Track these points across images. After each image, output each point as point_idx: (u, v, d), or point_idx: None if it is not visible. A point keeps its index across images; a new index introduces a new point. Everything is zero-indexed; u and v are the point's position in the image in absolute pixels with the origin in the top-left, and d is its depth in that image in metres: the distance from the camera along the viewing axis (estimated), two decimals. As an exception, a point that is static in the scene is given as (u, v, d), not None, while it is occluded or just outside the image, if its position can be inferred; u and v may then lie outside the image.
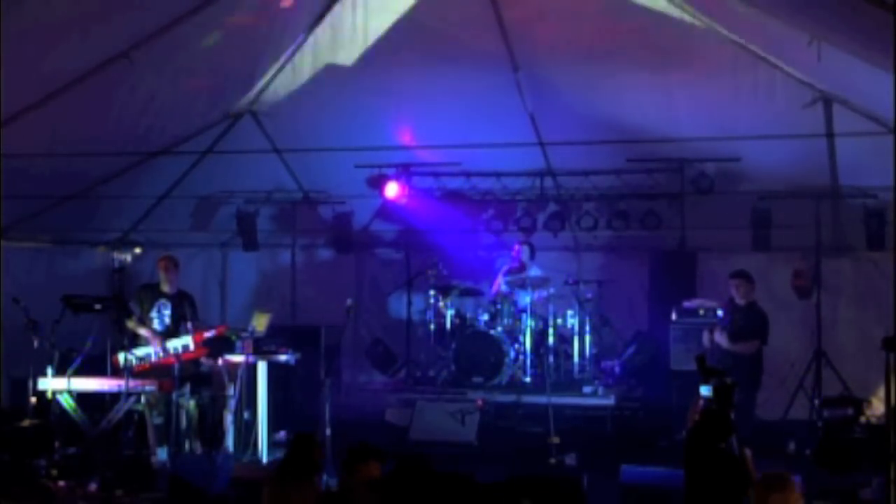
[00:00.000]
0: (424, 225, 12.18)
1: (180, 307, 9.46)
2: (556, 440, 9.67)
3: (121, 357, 9.04)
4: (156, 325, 9.40)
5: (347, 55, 9.92)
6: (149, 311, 9.42)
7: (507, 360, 10.95)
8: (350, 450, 5.98)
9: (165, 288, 9.48)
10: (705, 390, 6.60)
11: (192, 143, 10.75)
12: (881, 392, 7.92)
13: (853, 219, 10.64)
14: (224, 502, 7.56)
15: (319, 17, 9.44)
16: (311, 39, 9.73)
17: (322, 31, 9.62)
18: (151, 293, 9.51)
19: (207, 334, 9.15)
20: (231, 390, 9.23)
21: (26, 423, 8.79)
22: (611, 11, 9.07)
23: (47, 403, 8.82)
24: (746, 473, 5.63)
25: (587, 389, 10.83)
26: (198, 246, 12.68)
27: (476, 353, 11.04)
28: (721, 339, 9.37)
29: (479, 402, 10.48)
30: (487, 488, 6.17)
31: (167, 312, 9.45)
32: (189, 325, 9.34)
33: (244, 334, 9.37)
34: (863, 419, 9.23)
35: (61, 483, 8.27)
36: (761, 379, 9.47)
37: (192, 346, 9.07)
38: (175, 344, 9.14)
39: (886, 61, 6.20)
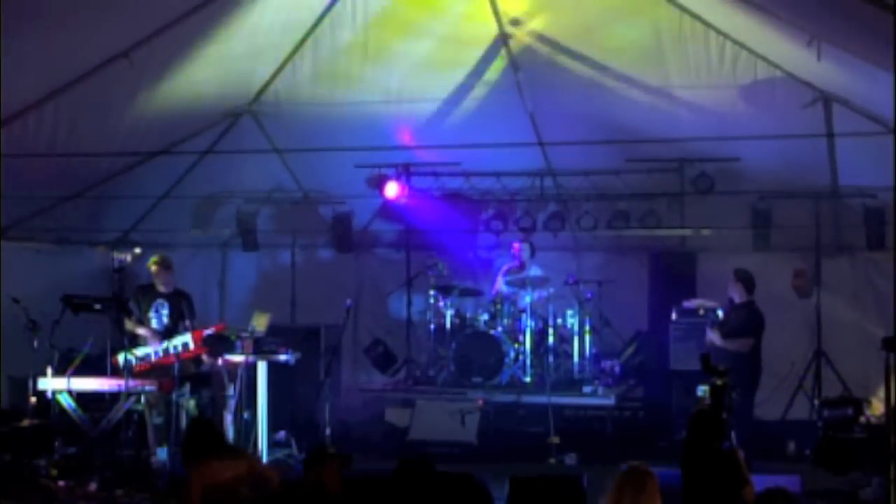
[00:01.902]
0: (424, 225, 12.16)
1: (178, 306, 9.47)
2: (556, 440, 9.69)
3: (120, 358, 9.04)
4: (154, 324, 9.41)
5: (347, 55, 9.93)
6: (146, 310, 9.43)
7: (507, 360, 10.95)
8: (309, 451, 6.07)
9: (161, 288, 9.49)
10: (700, 390, 6.62)
11: (192, 143, 10.75)
12: (881, 392, 7.94)
13: (853, 219, 10.64)
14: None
15: (319, 17, 9.43)
16: (310, 39, 9.72)
17: (322, 31, 9.61)
18: (148, 293, 9.52)
19: (207, 332, 9.16)
20: (231, 390, 9.24)
21: (26, 423, 8.81)
22: (611, 11, 9.07)
23: (47, 403, 8.83)
24: (741, 473, 5.65)
25: (587, 389, 10.83)
26: (198, 246, 12.66)
27: (476, 353, 11.04)
28: (714, 336, 9.35)
29: (479, 402, 10.48)
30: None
31: (165, 312, 9.46)
32: (187, 323, 9.35)
33: (244, 334, 9.38)
34: (863, 419, 9.24)
35: (61, 483, 8.28)
36: (759, 379, 9.44)
37: (191, 345, 9.07)
38: (175, 342, 9.14)
39: (886, 61, 6.20)
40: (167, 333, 9.35)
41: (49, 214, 10.65)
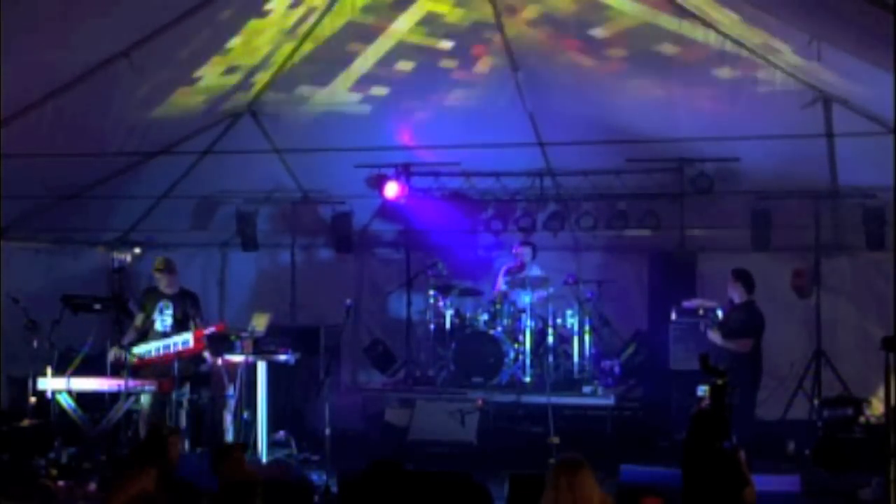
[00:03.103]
0: (424, 225, 12.17)
1: (182, 306, 9.47)
2: (556, 440, 9.67)
3: (112, 352, 9.03)
4: (158, 326, 9.40)
5: (347, 54, 9.92)
6: (151, 312, 9.43)
7: (506, 360, 10.95)
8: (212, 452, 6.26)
9: (165, 289, 9.49)
10: (700, 390, 6.61)
11: (192, 143, 10.75)
12: (881, 392, 7.94)
13: (853, 219, 10.64)
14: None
15: (319, 17, 9.43)
16: (310, 38, 9.72)
17: (322, 31, 9.61)
18: (153, 296, 9.52)
19: (207, 331, 9.16)
20: (231, 390, 9.24)
21: (26, 423, 8.81)
22: (611, 11, 9.06)
23: (47, 403, 8.83)
24: (742, 474, 5.65)
25: (587, 389, 10.83)
26: (197, 246, 12.67)
27: (476, 352, 11.05)
28: (715, 336, 9.34)
29: (479, 402, 10.49)
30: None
31: (169, 313, 9.46)
32: (195, 322, 9.36)
33: (244, 334, 9.39)
34: (862, 419, 9.25)
35: (61, 483, 8.27)
36: (760, 378, 9.44)
37: (191, 343, 9.07)
38: (175, 340, 9.13)
39: (886, 61, 6.20)
40: (172, 334, 9.34)
41: (49, 214, 10.65)
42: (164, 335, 9.30)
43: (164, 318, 9.43)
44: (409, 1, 9.20)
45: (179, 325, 9.37)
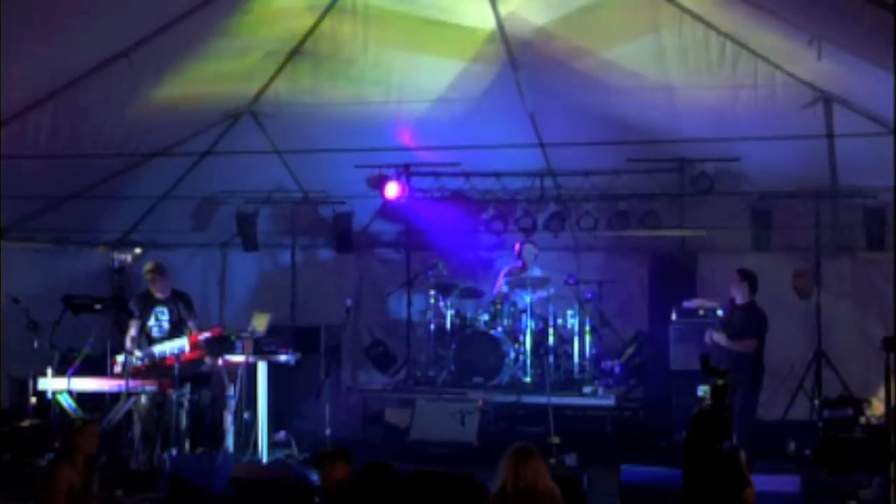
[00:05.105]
0: (424, 225, 12.16)
1: (175, 309, 9.48)
2: (556, 440, 9.68)
3: (119, 359, 9.06)
4: (155, 332, 9.40)
5: (347, 55, 9.93)
6: (147, 318, 9.43)
7: (506, 360, 10.95)
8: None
9: (158, 294, 9.49)
10: (701, 391, 6.61)
11: (192, 143, 10.75)
12: (881, 392, 7.93)
13: (853, 219, 10.63)
14: (224, 502, 7.57)
15: (320, 17, 9.43)
16: (310, 39, 9.73)
17: (322, 31, 9.62)
18: (147, 301, 9.52)
19: (203, 336, 9.17)
20: (231, 390, 9.25)
21: (26, 423, 8.81)
22: (611, 11, 9.07)
23: (47, 403, 8.84)
24: (742, 474, 5.65)
25: (587, 389, 10.82)
26: (198, 246, 12.68)
27: (476, 353, 11.03)
28: (719, 337, 9.33)
29: (479, 403, 10.48)
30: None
31: (164, 318, 9.47)
32: (190, 324, 9.35)
33: (244, 334, 9.39)
34: (863, 419, 9.24)
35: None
36: (763, 379, 9.44)
37: (187, 348, 9.08)
38: (171, 346, 9.14)
39: (886, 61, 6.20)
40: (170, 337, 9.34)
41: (49, 214, 10.65)
42: (162, 340, 9.30)
43: (160, 324, 9.44)
44: (409, 0, 9.21)
45: (175, 329, 9.38)
